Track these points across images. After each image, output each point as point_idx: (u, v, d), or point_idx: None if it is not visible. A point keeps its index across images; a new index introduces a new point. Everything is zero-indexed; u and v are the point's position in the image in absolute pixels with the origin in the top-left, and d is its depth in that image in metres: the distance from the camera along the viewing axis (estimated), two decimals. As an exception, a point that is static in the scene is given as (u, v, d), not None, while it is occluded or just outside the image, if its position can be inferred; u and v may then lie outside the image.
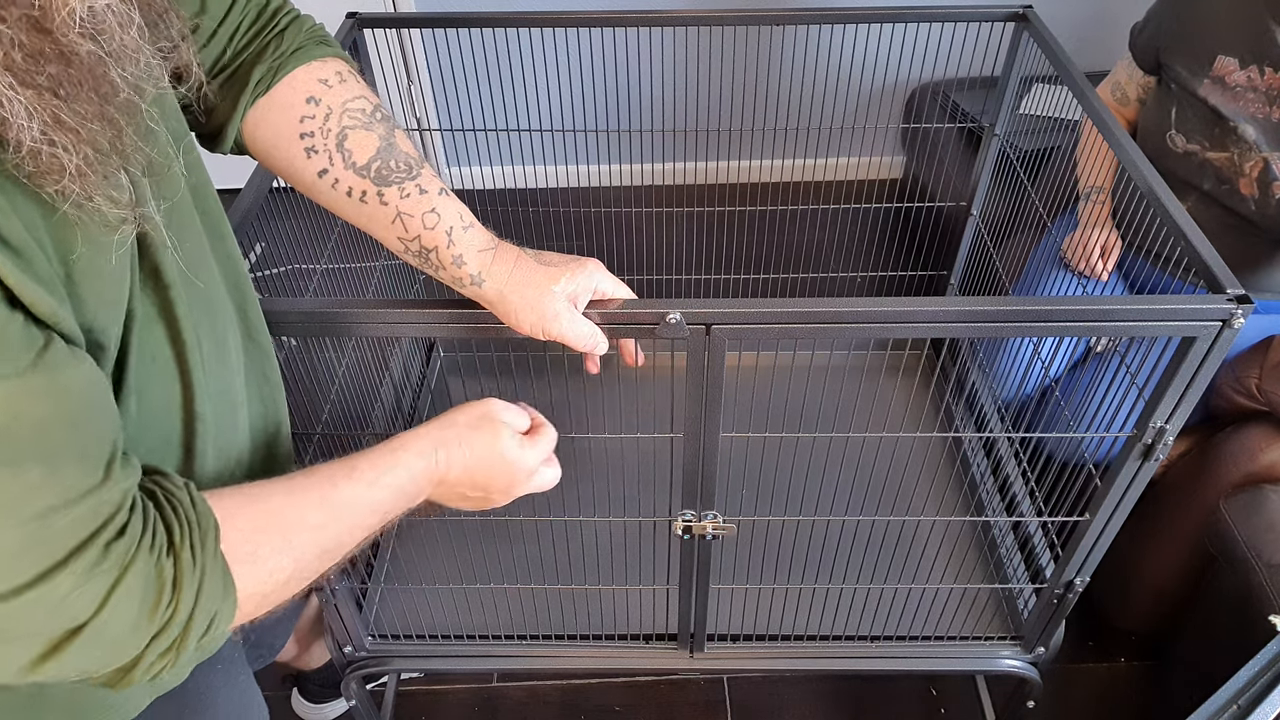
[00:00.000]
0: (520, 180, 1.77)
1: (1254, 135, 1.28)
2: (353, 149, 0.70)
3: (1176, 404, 0.82)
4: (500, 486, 0.74)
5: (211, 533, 0.53)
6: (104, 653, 0.49)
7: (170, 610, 0.50)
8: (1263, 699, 0.81)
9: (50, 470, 0.45)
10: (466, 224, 0.73)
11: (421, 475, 0.68)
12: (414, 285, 1.44)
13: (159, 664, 0.52)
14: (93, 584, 0.47)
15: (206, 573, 0.52)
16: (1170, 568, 1.36)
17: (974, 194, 1.36)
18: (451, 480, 0.71)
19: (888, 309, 0.76)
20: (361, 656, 1.14)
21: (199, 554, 0.52)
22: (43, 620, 0.46)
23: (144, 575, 0.49)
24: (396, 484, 0.66)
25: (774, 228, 2.26)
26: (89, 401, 0.48)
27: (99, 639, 0.48)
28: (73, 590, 0.46)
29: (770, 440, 0.94)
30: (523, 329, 0.75)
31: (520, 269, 0.74)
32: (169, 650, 0.52)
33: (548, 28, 1.22)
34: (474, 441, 0.71)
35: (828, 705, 1.49)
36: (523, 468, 0.74)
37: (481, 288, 0.73)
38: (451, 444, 0.70)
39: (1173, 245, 0.83)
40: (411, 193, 0.71)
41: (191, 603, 0.51)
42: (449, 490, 0.72)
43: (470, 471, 0.71)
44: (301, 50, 0.71)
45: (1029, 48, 1.18)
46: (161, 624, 0.50)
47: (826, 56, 1.37)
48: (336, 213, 0.73)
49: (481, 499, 0.75)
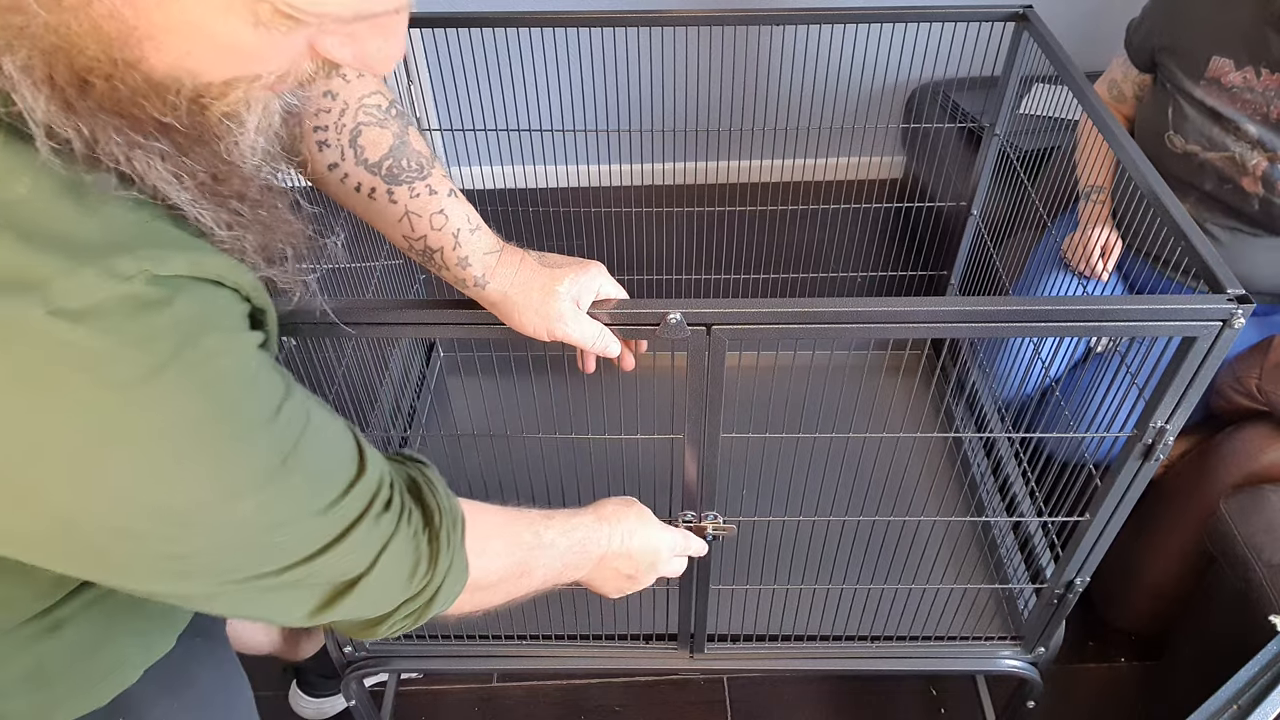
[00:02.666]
0: (520, 180, 1.77)
1: (1256, 133, 1.28)
2: (365, 145, 0.70)
3: (1177, 404, 0.82)
4: (646, 565, 0.85)
5: (460, 524, 0.64)
6: (368, 604, 0.59)
7: (425, 579, 0.61)
8: (1263, 699, 0.81)
9: (335, 469, 0.55)
10: (473, 226, 0.73)
11: (589, 541, 0.78)
12: (414, 285, 1.44)
13: (402, 624, 0.63)
14: (367, 547, 0.56)
15: (455, 555, 0.63)
16: (1170, 568, 1.36)
17: (974, 194, 1.36)
18: (609, 555, 0.81)
19: (888, 309, 0.76)
20: (361, 657, 1.14)
21: (452, 538, 0.63)
22: (331, 574, 0.55)
23: (406, 543, 0.59)
24: (575, 540, 0.77)
25: (774, 228, 2.25)
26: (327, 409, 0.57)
27: (367, 592, 0.57)
28: (351, 552, 0.55)
29: (770, 440, 0.94)
30: (526, 331, 0.75)
31: (524, 271, 0.74)
32: (413, 614, 0.63)
33: (548, 28, 1.22)
34: (629, 518, 0.83)
35: (828, 705, 1.49)
36: (665, 548, 0.86)
37: (485, 290, 0.74)
38: (610, 518, 0.82)
39: (1172, 247, 0.83)
40: (421, 193, 0.71)
41: (442, 577, 0.62)
42: (605, 565, 0.82)
43: (624, 546, 0.82)
44: None
45: (1029, 48, 1.18)
46: (416, 589, 0.61)
47: (826, 56, 1.37)
48: (343, 205, 0.74)
49: (628, 577, 0.85)
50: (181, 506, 0.46)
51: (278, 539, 0.52)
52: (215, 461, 0.47)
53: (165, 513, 0.46)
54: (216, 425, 0.46)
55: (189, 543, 0.48)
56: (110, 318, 0.40)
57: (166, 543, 0.47)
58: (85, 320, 0.40)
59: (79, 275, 0.40)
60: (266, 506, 0.50)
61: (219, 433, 0.47)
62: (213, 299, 0.47)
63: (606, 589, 0.85)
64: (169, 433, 0.44)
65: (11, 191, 0.41)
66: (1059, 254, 1.49)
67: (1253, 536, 1.18)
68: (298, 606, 0.56)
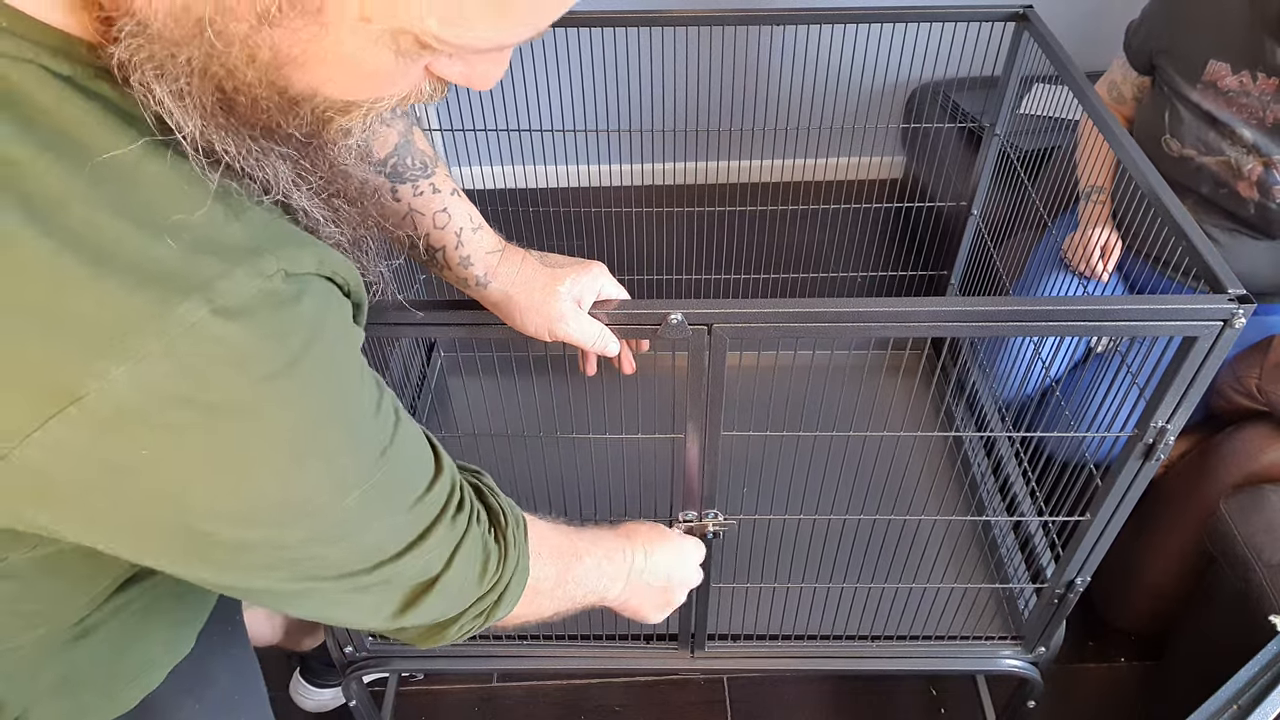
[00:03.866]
0: (520, 180, 1.76)
1: (1252, 138, 1.28)
2: (371, 143, 0.70)
3: (1177, 404, 0.82)
4: (677, 582, 0.87)
5: (523, 527, 0.67)
6: (446, 603, 0.60)
7: (495, 578, 0.63)
8: (1263, 699, 0.81)
9: (422, 467, 0.57)
10: (475, 226, 0.73)
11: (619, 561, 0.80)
12: (414, 285, 1.44)
13: (471, 625, 0.64)
14: (445, 545, 0.58)
15: (521, 555, 0.65)
16: (1170, 568, 1.36)
17: (974, 194, 1.36)
18: (637, 574, 0.82)
19: (888, 309, 0.76)
20: (362, 656, 1.14)
21: (519, 540, 0.65)
22: (413, 572, 0.56)
23: (477, 541, 0.61)
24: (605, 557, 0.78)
25: (774, 228, 2.25)
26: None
27: (445, 591, 0.59)
28: (432, 549, 0.57)
29: (771, 440, 0.94)
30: (528, 330, 0.75)
31: (525, 271, 0.74)
32: (482, 613, 0.64)
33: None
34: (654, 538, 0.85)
35: (828, 705, 1.49)
36: (693, 568, 0.90)
37: (487, 290, 0.74)
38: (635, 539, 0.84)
39: (1172, 247, 0.83)
40: (425, 191, 0.72)
41: (509, 577, 0.64)
42: (636, 585, 0.83)
43: (652, 565, 0.83)
44: None
45: (1029, 48, 1.18)
46: (488, 588, 0.63)
47: (826, 56, 1.37)
48: None
49: (659, 594, 0.86)
50: (298, 498, 0.47)
51: (372, 534, 0.53)
52: (333, 453, 0.48)
53: (282, 505, 0.47)
54: (336, 417, 0.48)
55: (296, 534, 0.49)
56: (258, 314, 0.42)
57: (277, 533, 0.48)
58: (239, 318, 0.41)
59: (233, 276, 0.42)
60: (367, 500, 0.51)
61: (338, 425, 0.48)
62: (330, 294, 0.49)
63: (646, 610, 0.87)
64: (298, 425, 0.45)
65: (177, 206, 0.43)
66: (1059, 254, 1.49)
67: (1253, 536, 1.18)
68: (384, 606, 0.57)
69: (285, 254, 0.45)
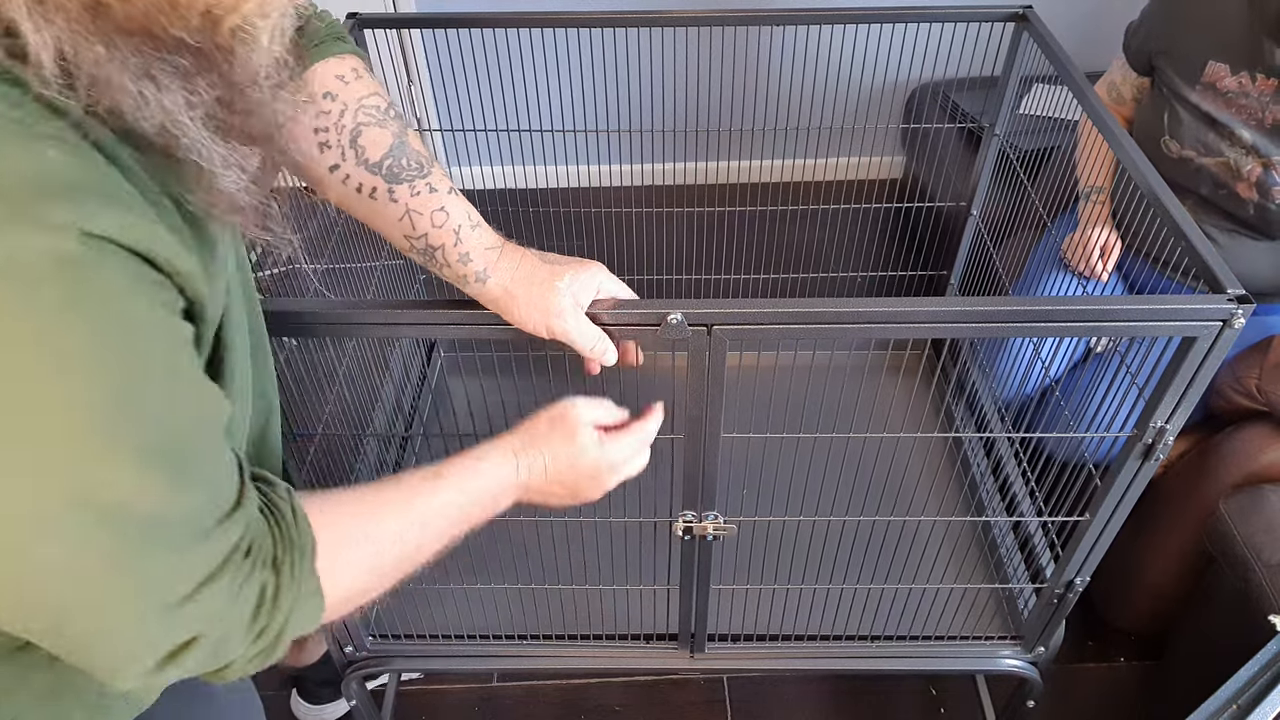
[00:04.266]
0: (520, 180, 1.76)
1: (1251, 139, 1.28)
2: (366, 146, 0.70)
3: (1177, 404, 0.82)
4: (585, 484, 0.77)
5: (309, 551, 0.57)
6: (214, 656, 0.53)
7: (267, 619, 0.54)
8: (1262, 699, 0.81)
9: (212, 488, 0.50)
10: (474, 223, 0.73)
11: (501, 483, 0.72)
12: (414, 285, 1.44)
13: (254, 664, 0.56)
14: (230, 591, 0.50)
15: (302, 587, 0.56)
16: (1170, 568, 1.36)
17: (974, 194, 1.36)
18: (534, 485, 0.74)
19: (888, 309, 0.76)
20: (362, 656, 1.14)
21: (298, 571, 0.55)
22: (194, 624, 0.49)
23: (258, 584, 0.53)
24: (477, 492, 0.70)
25: (774, 228, 2.25)
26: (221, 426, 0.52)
27: (209, 644, 0.51)
28: (220, 596, 0.50)
29: (771, 440, 0.94)
30: (526, 326, 0.75)
31: (524, 267, 0.74)
32: (260, 654, 0.56)
33: (548, 28, 1.22)
34: (552, 444, 0.74)
35: (828, 705, 1.49)
36: (606, 466, 0.77)
37: (486, 285, 0.74)
38: (530, 450, 0.73)
39: (1172, 247, 0.83)
40: (422, 191, 0.71)
41: (287, 613, 0.55)
42: (533, 493, 0.75)
43: (551, 474, 0.74)
44: (321, 46, 0.71)
45: (1029, 48, 1.18)
46: (259, 631, 0.54)
47: (826, 56, 1.37)
48: (344, 208, 0.74)
49: (568, 495, 0.77)
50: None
51: (124, 574, 0.46)
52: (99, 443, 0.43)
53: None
54: (107, 404, 0.43)
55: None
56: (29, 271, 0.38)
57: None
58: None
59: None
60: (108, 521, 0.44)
61: (108, 413, 0.43)
62: (138, 273, 0.43)
63: (547, 504, 0.78)
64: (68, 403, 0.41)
65: None
66: (1059, 254, 1.49)
67: (1252, 536, 1.18)
68: (130, 663, 0.49)
69: (87, 208, 0.39)
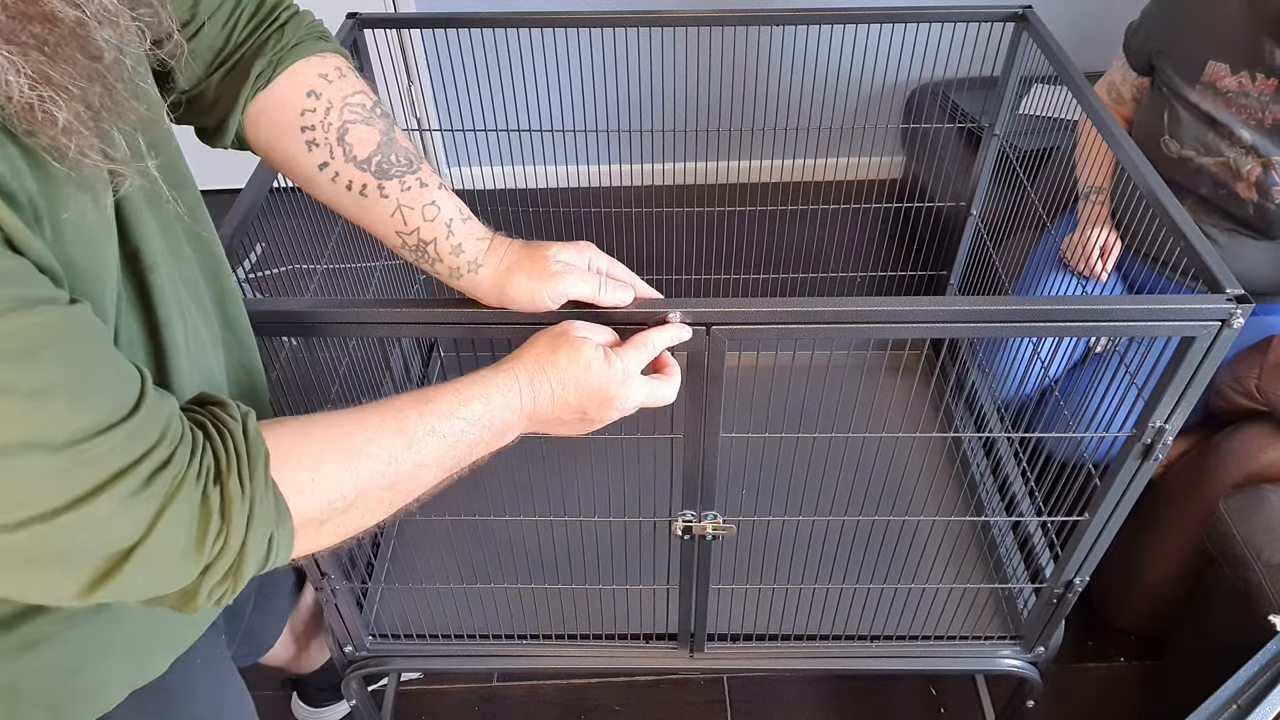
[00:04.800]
0: (520, 180, 1.77)
1: (1250, 139, 1.28)
2: (354, 143, 0.70)
3: (1176, 404, 0.82)
4: (596, 405, 0.71)
5: (261, 461, 0.54)
6: (156, 578, 0.51)
7: (221, 540, 0.52)
8: (1262, 699, 0.81)
9: (75, 400, 0.46)
10: (464, 216, 0.74)
11: (504, 408, 0.67)
12: (414, 285, 1.44)
13: (219, 589, 0.53)
14: (134, 509, 0.48)
15: (257, 501, 0.53)
16: (1170, 568, 1.36)
17: (974, 194, 1.36)
18: (542, 409, 0.69)
19: (888, 309, 0.76)
20: (362, 656, 1.14)
21: (247, 483, 0.53)
22: (85, 542, 0.47)
23: (190, 503, 0.50)
24: (475, 417, 0.65)
25: (774, 228, 2.25)
26: (104, 338, 0.49)
27: (149, 564, 0.49)
28: (112, 515, 0.47)
29: (770, 440, 0.94)
30: (523, 303, 0.74)
31: (514, 251, 0.75)
32: (226, 577, 0.53)
33: (548, 28, 1.22)
34: (558, 364, 0.69)
35: (828, 705, 1.49)
36: (614, 381, 0.71)
37: (479, 274, 0.74)
38: (533, 371, 0.69)
39: (1171, 247, 0.83)
40: (412, 185, 0.72)
41: (243, 531, 0.52)
42: (543, 420, 0.71)
43: (559, 395, 0.69)
44: (301, 45, 0.71)
45: (1029, 48, 1.18)
46: (214, 554, 0.52)
47: (826, 56, 1.37)
48: (334, 207, 0.74)
49: (580, 420, 0.72)
50: None
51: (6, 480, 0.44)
52: None
53: None
54: None
55: None
56: None
57: None
58: None
59: None
60: None
61: None
62: None
63: (558, 433, 0.73)
64: None
65: None
66: (1058, 254, 1.49)
67: (1252, 536, 1.18)
68: (59, 579, 0.48)
69: None
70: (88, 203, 0.49)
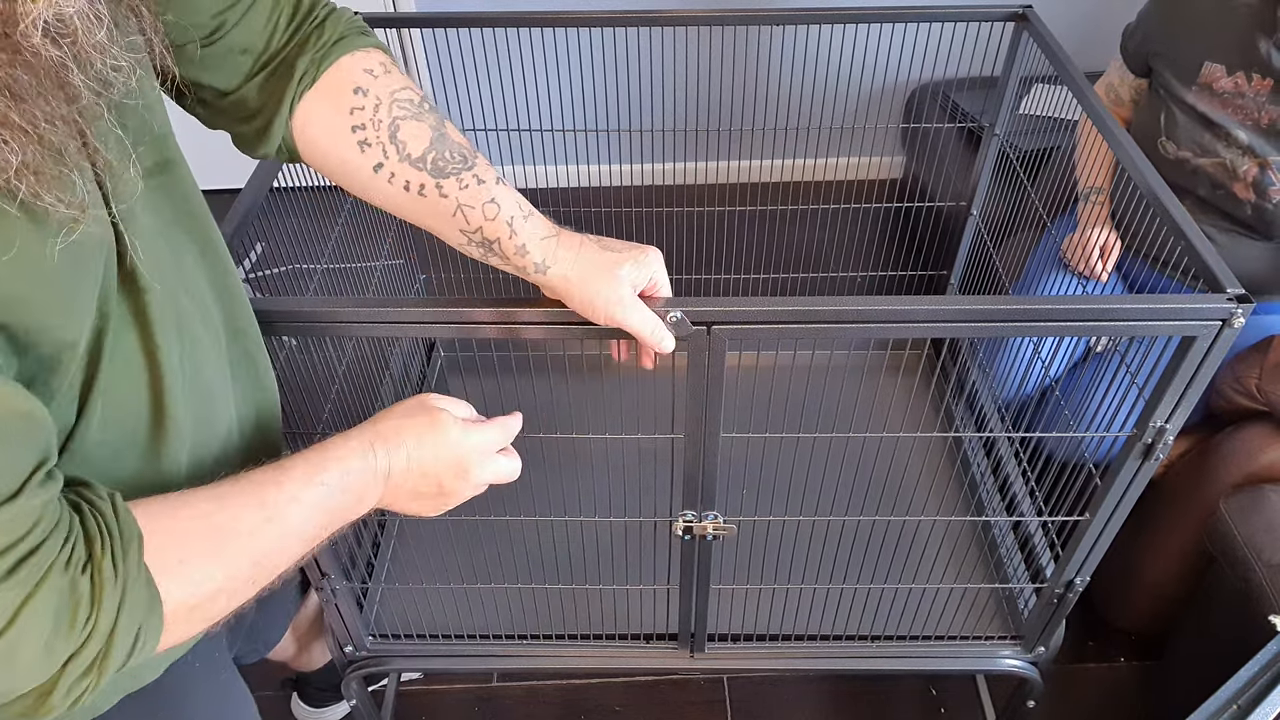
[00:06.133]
0: (521, 180, 1.76)
1: (1247, 139, 1.28)
2: (406, 140, 0.68)
3: (1176, 404, 0.82)
4: (452, 476, 0.70)
5: (135, 542, 0.51)
6: (14, 674, 0.47)
7: (90, 626, 0.49)
8: (1262, 699, 0.81)
9: None
10: (526, 213, 0.72)
11: (361, 473, 0.65)
12: (414, 285, 1.44)
13: (80, 685, 0.50)
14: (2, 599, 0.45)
15: (129, 585, 0.50)
16: (1170, 568, 1.36)
17: (974, 194, 1.36)
18: (397, 476, 0.67)
19: (888, 309, 0.76)
20: (362, 656, 1.14)
21: (120, 565, 0.50)
22: None
23: (58, 591, 0.48)
24: (334, 484, 0.63)
25: (774, 228, 2.25)
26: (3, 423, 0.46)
27: (7, 657, 0.46)
28: None
29: (770, 440, 0.94)
30: (587, 313, 0.74)
31: (585, 254, 0.73)
32: (90, 670, 0.50)
33: (548, 28, 1.22)
34: (413, 430, 0.68)
35: (828, 705, 1.49)
36: (473, 451, 0.70)
37: (547, 275, 0.73)
38: (389, 436, 0.67)
39: (1171, 247, 0.83)
40: (470, 183, 0.70)
41: (113, 617, 0.49)
42: (399, 488, 0.69)
43: (415, 462, 0.68)
44: (344, 40, 0.70)
45: (1029, 48, 1.18)
46: (80, 641, 0.49)
47: (826, 56, 1.37)
48: (393, 210, 0.72)
49: (436, 494, 0.71)
50: None
51: None
52: None
53: None
54: None
55: None
56: None
57: None
58: None
59: None
60: None
61: None
62: None
63: (413, 510, 0.72)
64: None
65: None
66: (1058, 254, 1.49)
67: (1253, 536, 1.18)
68: None
69: None
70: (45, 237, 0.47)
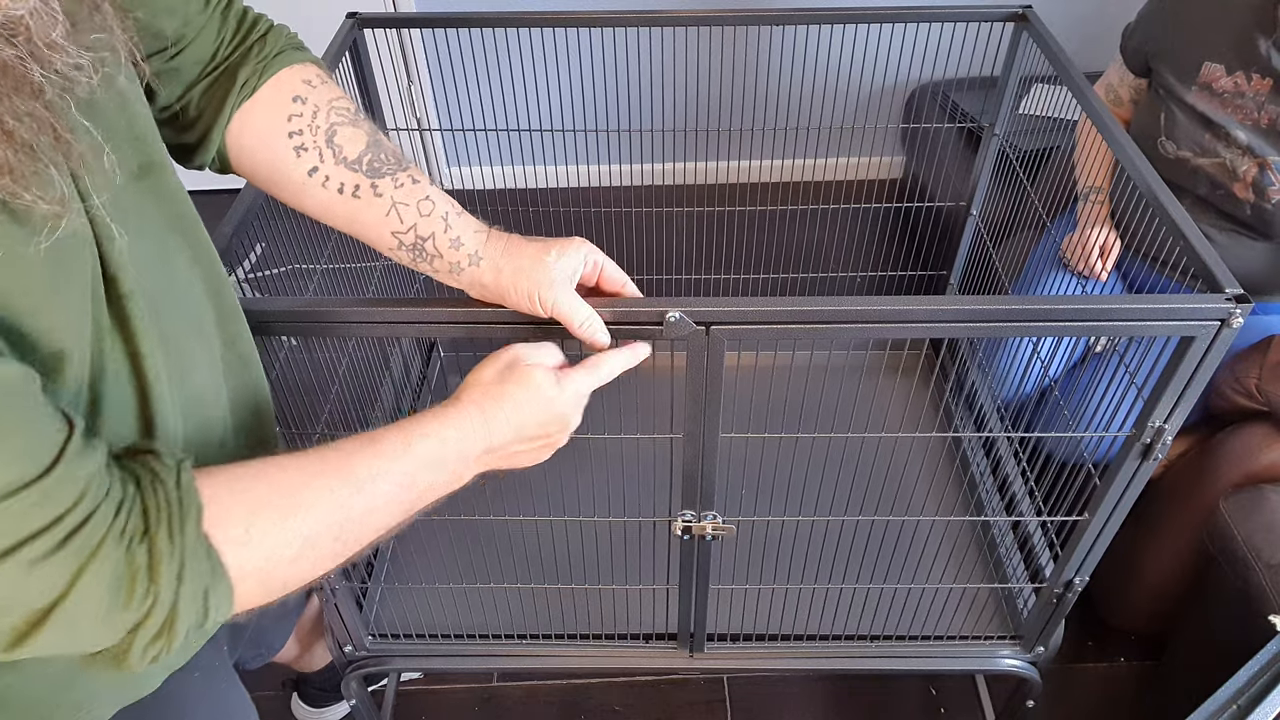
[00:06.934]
0: (520, 180, 1.77)
1: (1246, 139, 1.28)
2: (343, 144, 0.70)
3: (1175, 403, 0.82)
4: (556, 428, 0.71)
5: (194, 512, 0.52)
6: (77, 638, 0.50)
7: (150, 598, 0.50)
8: (1262, 699, 0.81)
9: None
10: (459, 211, 0.74)
11: (459, 444, 0.65)
12: (414, 285, 1.44)
13: (152, 649, 0.52)
14: (49, 570, 0.47)
15: (187, 556, 0.51)
16: (1170, 568, 1.36)
17: (974, 194, 1.36)
18: (499, 443, 0.68)
19: (888, 309, 0.76)
20: (361, 656, 1.14)
21: (177, 538, 0.51)
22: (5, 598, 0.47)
23: (113, 563, 0.49)
24: (427, 455, 0.63)
25: (774, 228, 2.26)
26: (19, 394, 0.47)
27: (68, 625, 0.48)
28: (25, 576, 0.46)
29: (770, 440, 0.94)
30: (519, 303, 0.74)
31: (513, 245, 0.74)
32: (159, 637, 0.52)
33: (548, 28, 1.22)
34: (507, 394, 0.68)
35: (828, 705, 1.49)
36: (568, 404, 0.71)
37: (480, 267, 0.73)
38: (485, 405, 0.67)
39: (1170, 246, 0.83)
40: (404, 182, 0.72)
41: (174, 588, 0.51)
42: (503, 454, 0.69)
43: (515, 428, 0.68)
44: (284, 54, 0.72)
45: (1029, 48, 1.18)
46: (143, 613, 0.50)
47: (826, 56, 1.37)
48: (323, 217, 0.73)
49: (543, 446, 0.72)
50: None
51: None
52: None
53: None
54: None
55: None
56: None
57: None
58: None
59: None
60: None
61: None
62: None
63: (515, 465, 0.72)
64: None
65: None
66: (1058, 254, 1.49)
67: (1252, 536, 1.18)
68: None
69: None
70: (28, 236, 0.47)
